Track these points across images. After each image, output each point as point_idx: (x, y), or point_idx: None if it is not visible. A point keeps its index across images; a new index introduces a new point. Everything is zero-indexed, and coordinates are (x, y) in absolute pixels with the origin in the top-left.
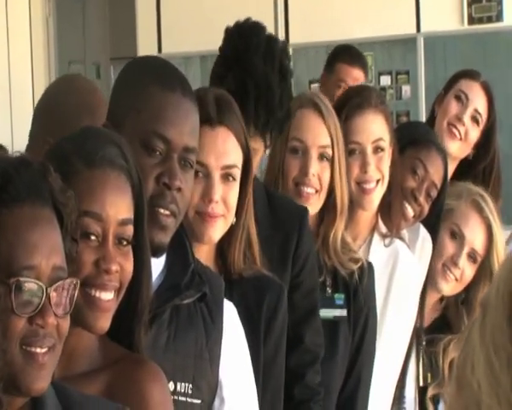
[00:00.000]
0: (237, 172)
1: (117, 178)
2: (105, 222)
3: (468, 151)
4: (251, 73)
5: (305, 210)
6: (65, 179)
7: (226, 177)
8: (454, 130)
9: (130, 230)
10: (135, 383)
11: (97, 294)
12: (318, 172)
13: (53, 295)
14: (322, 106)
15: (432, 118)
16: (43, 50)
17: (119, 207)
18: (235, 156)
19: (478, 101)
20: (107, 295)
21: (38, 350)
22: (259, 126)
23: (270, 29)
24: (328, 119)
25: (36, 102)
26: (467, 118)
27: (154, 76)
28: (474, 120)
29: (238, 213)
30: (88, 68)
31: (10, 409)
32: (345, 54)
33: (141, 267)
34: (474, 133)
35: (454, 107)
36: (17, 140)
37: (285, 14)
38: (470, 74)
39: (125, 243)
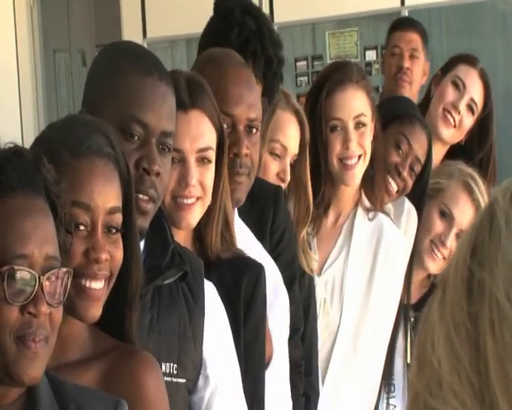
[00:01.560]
0: (212, 154)
1: (104, 167)
2: (93, 212)
3: (460, 138)
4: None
5: (280, 188)
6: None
7: (202, 160)
8: (449, 117)
9: (118, 218)
10: (129, 372)
11: (88, 283)
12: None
13: (46, 284)
14: (301, 111)
15: (427, 96)
16: (28, 40)
17: (107, 196)
18: (209, 138)
19: (474, 89)
20: (97, 285)
21: (32, 342)
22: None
23: None
24: (306, 125)
25: (21, 91)
26: (462, 106)
27: (130, 61)
28: (470, 108)
29: (214, 194)
30: (73, 56)
31: (5, 401)
32: (397, 22)
33: (130, 254)
34: (468, 121)
35: (450, 93)
36: (3, 129)
37: None
38: (469, 60)
39: (114, 231)
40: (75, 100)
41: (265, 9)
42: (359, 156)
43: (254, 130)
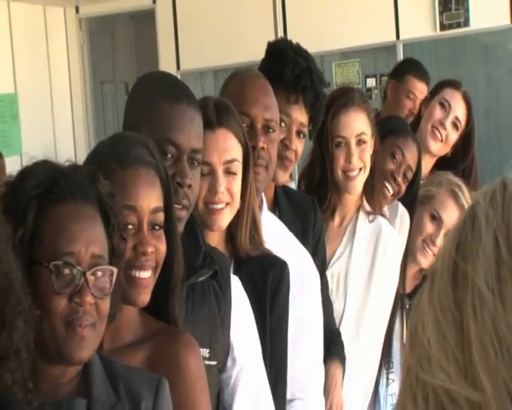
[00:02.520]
0: (238, 166)
1: (147, 174)
2: (139, 212)
3: (446, 151)
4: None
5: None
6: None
7: (228, 171)
8: (437, 132)
9: (161, 216)
10: (173, 353)
11: (137, 274)
12: None
13: (91, 278)
14: None
15: (418, 116)
16: (79, 73)
17: (150, 199)
18: (235, 152)
19: (458, 109)
20: (145, 274)
21: (79, 327)
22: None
23: None
24: None
25: (74, 116)
26: (448, 123)
27: (164, 90)
28: (454, 125)
29: (242, 200)
30: (118, 86)
31: (63, 379)
32: (415, 68)
33: (172, 248)
34: (453, 136)
35: (438, 112)
36: (60, 147)
37: (284, 32)
38: (454, 84)
39: (157, 227)
40: (119, 123)
41: None
42: (360, 169)
43: (271, 130)
